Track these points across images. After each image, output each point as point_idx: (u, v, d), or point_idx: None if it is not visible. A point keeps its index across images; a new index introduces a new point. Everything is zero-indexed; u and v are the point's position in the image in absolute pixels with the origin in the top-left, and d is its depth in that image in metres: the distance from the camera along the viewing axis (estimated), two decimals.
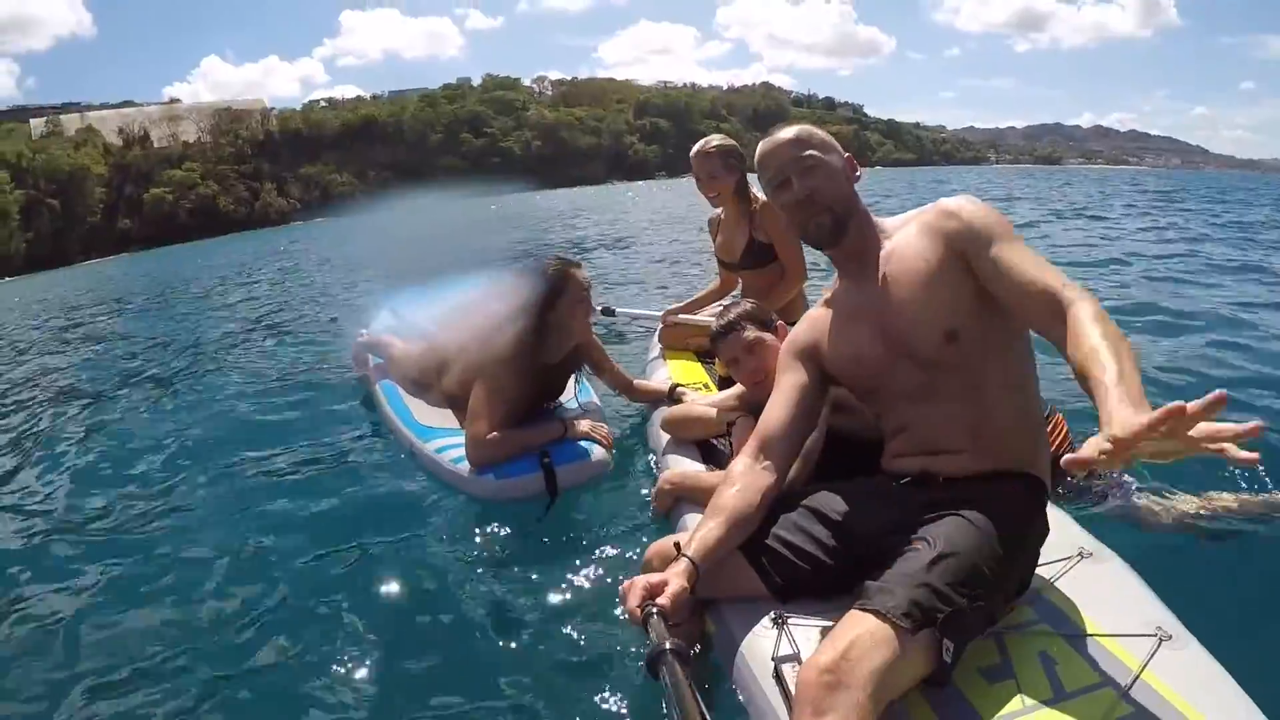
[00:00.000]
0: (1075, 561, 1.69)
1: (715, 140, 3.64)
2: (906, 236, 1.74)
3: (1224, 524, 2.39)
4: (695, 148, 3.61)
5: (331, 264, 16.58)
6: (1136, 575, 1.67)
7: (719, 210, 3.79)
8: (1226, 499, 2.49)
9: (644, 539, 2.52)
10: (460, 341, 3.52)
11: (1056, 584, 1.63)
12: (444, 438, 3.20)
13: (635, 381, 3.45)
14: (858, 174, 1.86)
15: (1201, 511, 2.44)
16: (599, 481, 2.99)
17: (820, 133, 1.83)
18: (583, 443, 3.04)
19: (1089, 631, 1.47)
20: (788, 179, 1.77)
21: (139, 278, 23.11)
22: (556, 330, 3.05)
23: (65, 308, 15.88)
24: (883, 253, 1.76)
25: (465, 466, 2.94)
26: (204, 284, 16.09)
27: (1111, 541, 1.81)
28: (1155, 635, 1.42)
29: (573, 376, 3.44)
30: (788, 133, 1.81)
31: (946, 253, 1.63)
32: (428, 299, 5.30)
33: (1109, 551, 1.76)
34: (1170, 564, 2.09)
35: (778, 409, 1.82)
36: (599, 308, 4.22)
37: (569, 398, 3.45)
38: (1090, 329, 1.36)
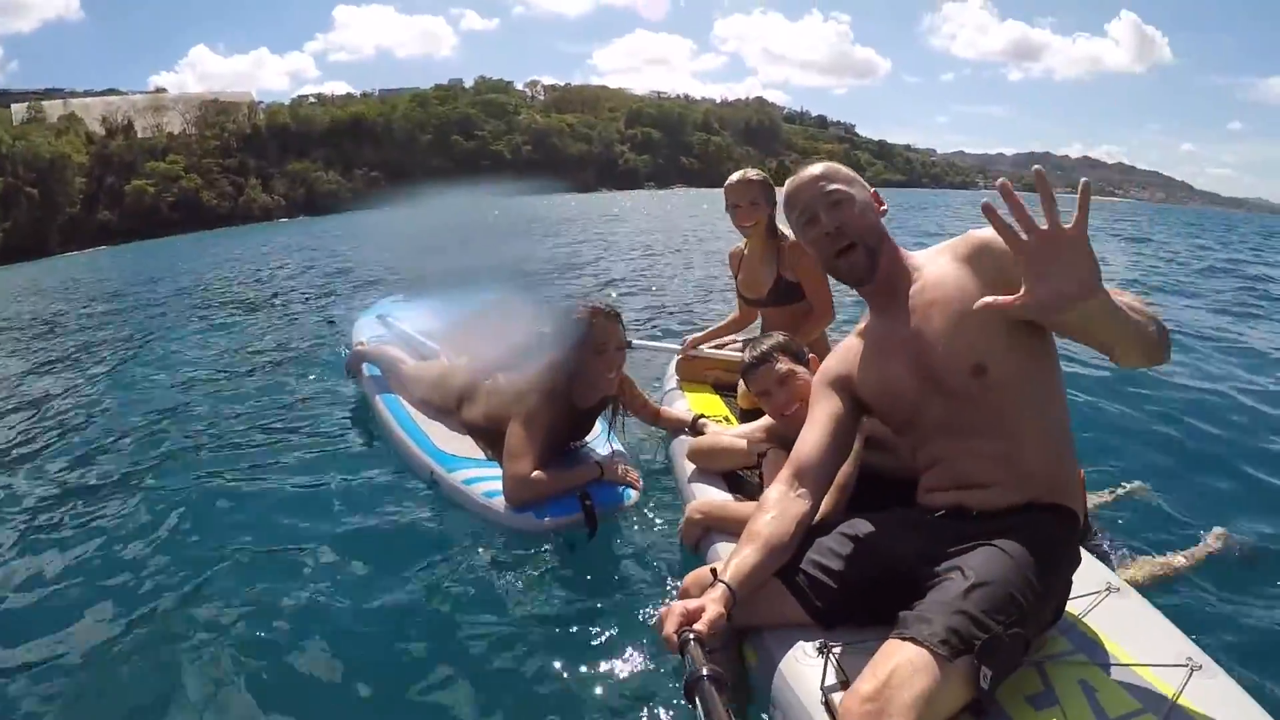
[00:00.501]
0: (1104, 596, 1.75)
1: (753, 171, 3.60)
2: (939, 269, 1.73)
3: (1189, 579, 2.52)
4: (735, 176, 3.56)
5: (337, 265, 16.22)
6: (1159, 611, 1.73)
7: (741, 244, 3.75)
8: (1179, 558, 2.62)
9: (671, 566, 2.59)
10: (483, 371, 3.50)
11: (1087, 617, 1.68)
12: (471, 468, 3.16)
13: (661, 410, 3.46)
14: (883, 208, 1.87)
15: (1163, 572, 2.53)
16: (629, 513, 3.00)
17: (845, 169, 1.85)
18: (618, 486, 3.06)
19: (1124, 661, 1.52)
20: (816, 214, 1.79)
21: (124, 271, 22.46)
22: (590, 380, 3.05)
23: (50, 300, 15.44)
24: (914, 286, 1.75)
25: (500, 501, 2.92)
26: (199, 280, 15.50)
27: None
28: (1186, 665, 1.47)
29: (600, 416, 3.40)
30: (814, 169, 1.84)
31: (980, 285, 1.61)
32: (420, 308, 5.29)
33: (1130, 589, 1.82)
34: (1188, 603, 2.35)
35: (812, 437, 1.82)
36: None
37: (594, 436, 3.41)
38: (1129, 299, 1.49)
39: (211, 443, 4.25)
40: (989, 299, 1.43)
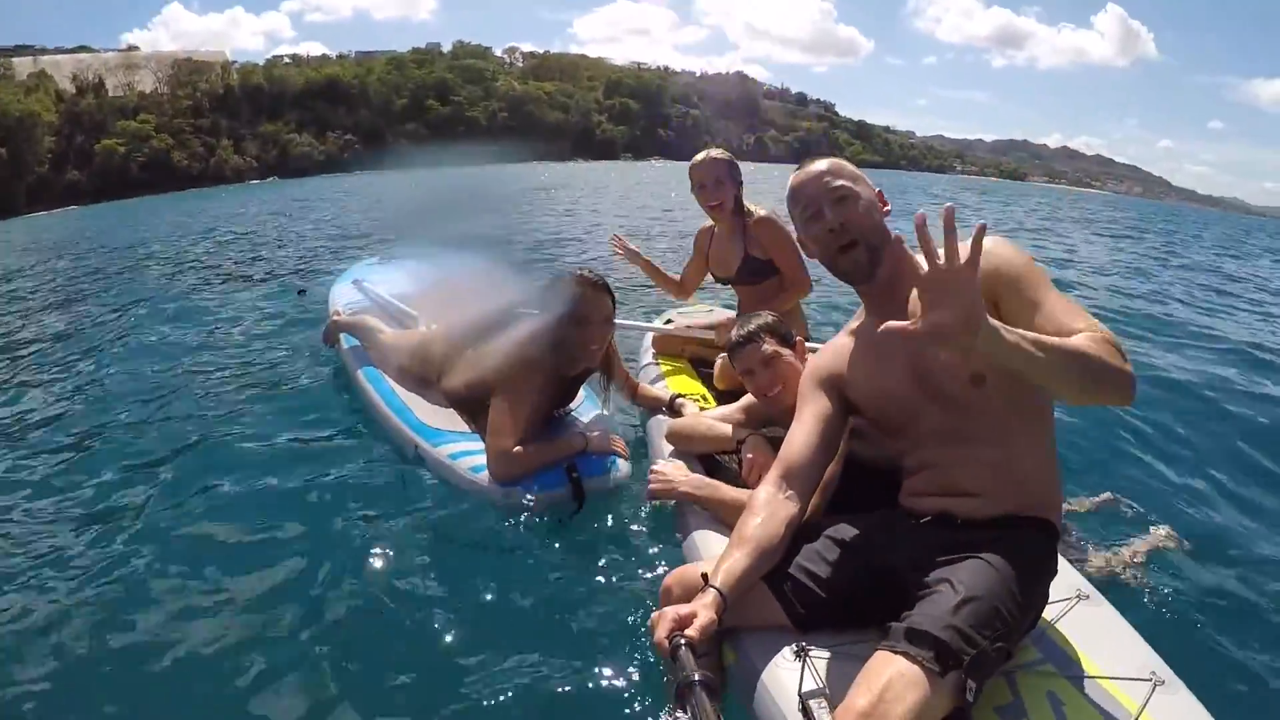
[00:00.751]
0: (1074, 603, 1.77)
1: (717, 150, 3.60)
2: None
3: (1136, 573, 2.61)
4: (700, 155, 3.57)
5: (311, 229, 15.98)
6: (1126, 620, 1.77)
7: (709, 224, 3.75)
8: (1124, 553, 2.72)
9: (655, 545, 2.60)
10: (463, 339, 3.43)
11: (1058, 625, 1.71)
12: (456, 441, 3.12)
13: (639, 386, 3.43)
14: (887, 208, 1.87)
15: (1112, 566, 2.61)
16: (618, 491, 2.97)
17: (850, 166, 1.87)
18: (606, 457, 3.03)
19: (1090, 673, 1.56)
20: (820, 210, 1.80)
21: (97, 232, 21.46)
22: (575, 351, 3.00)
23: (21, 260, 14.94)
24: (915, 292, 1.69)
25: (485, 476, 2.89)
26: (170, 243, 15.12)
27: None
28: (1150, 680, 1.51)
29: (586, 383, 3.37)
30: (820, 165, 1.85)
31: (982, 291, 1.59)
32: (396, 270, 5.35)
33: (1099, 595, 1.85)
34: (1155, 611, 2.41)
35: (800, 437, 1.83)
36: None
37: (579, 404, 3.41)
38: (1073, 338, 1.47)
39: (184, 416, 4.15)
40: (890, 324, 1.43)
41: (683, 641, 1.43)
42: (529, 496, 2.83)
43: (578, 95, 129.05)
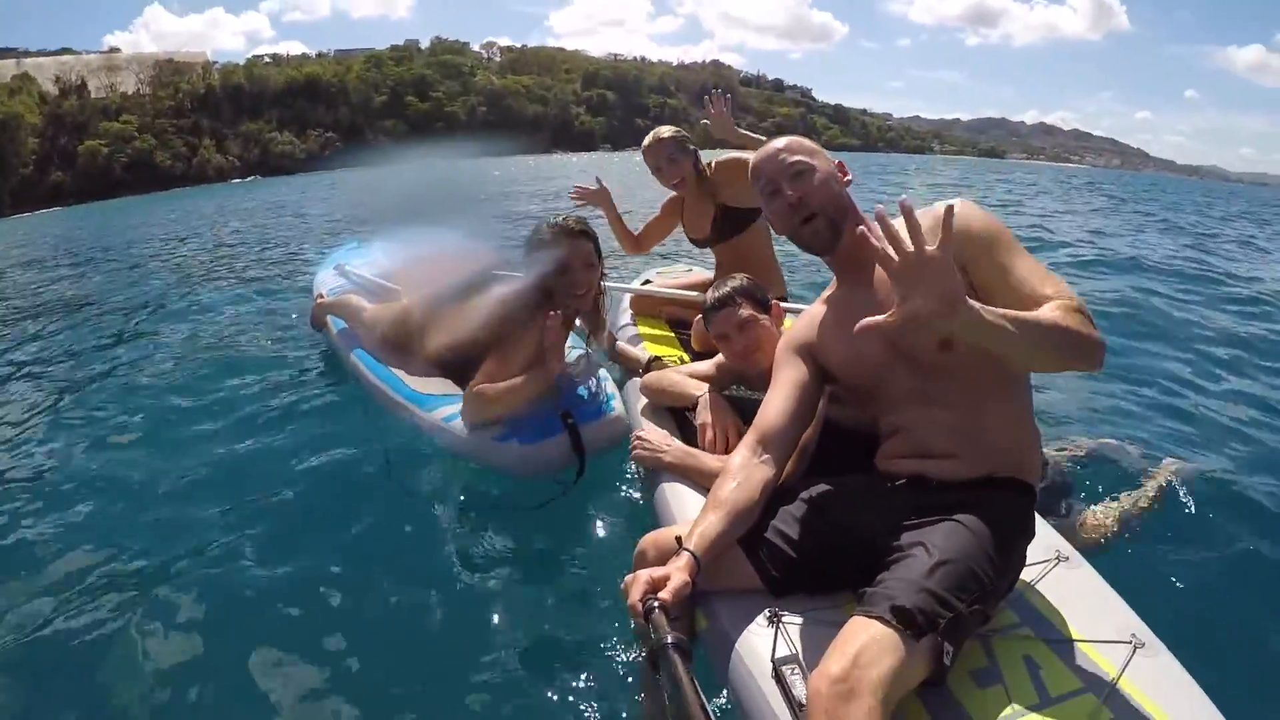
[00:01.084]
0: (1053, 565, 1.73)
1: (665, 130, 3.61)
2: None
3: (1146, 548, 2.54)
4: (647, 140, 3.61)
5: (297, 225, 16.07)
6: (1106, 582, 1.72)
7: (676, 195, 3.74)
8: (1113, 507, 2.66)
9: (633, 521, 2.55)
10: (441, 303, 3.41)
11: (1036, 587, 1.66)
12: (449, 405, 3.04)
13: (618, 344, 3.36)
14: (848, 178, 1.87)
15: (1107, 523, 2.57)
16: (620, 444, 2.78)
17: (808, 142, 1.87)
18: (598, 397, 3.02)
19: (1068, 636, 1.52)
20: (779, 186, 1.80)
21: (81, 233, 21.17)
22: (564, 297, 2.94)
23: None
24: None
25: (485, 434, 2.82)
26: (155, 243, 14.95)
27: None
28: (1130, 643, 1.47)
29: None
30: (777, 143, 1.86)
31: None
32: (376, 252, 5.24)
33: (1079, 557, 1.80)
34: (1136, 570, 2.32)
35: (776, 404, 1.83)
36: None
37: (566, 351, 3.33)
38: (1045, 311, 1.47)
39: (184, 403, 4.15)
40: (866, 320, 1.43)
41: (656, 605, 1.41)
42: (526, 448, 2.76)
43: (555, 88, 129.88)
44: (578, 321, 3.16)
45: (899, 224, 1.40)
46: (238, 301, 7.13)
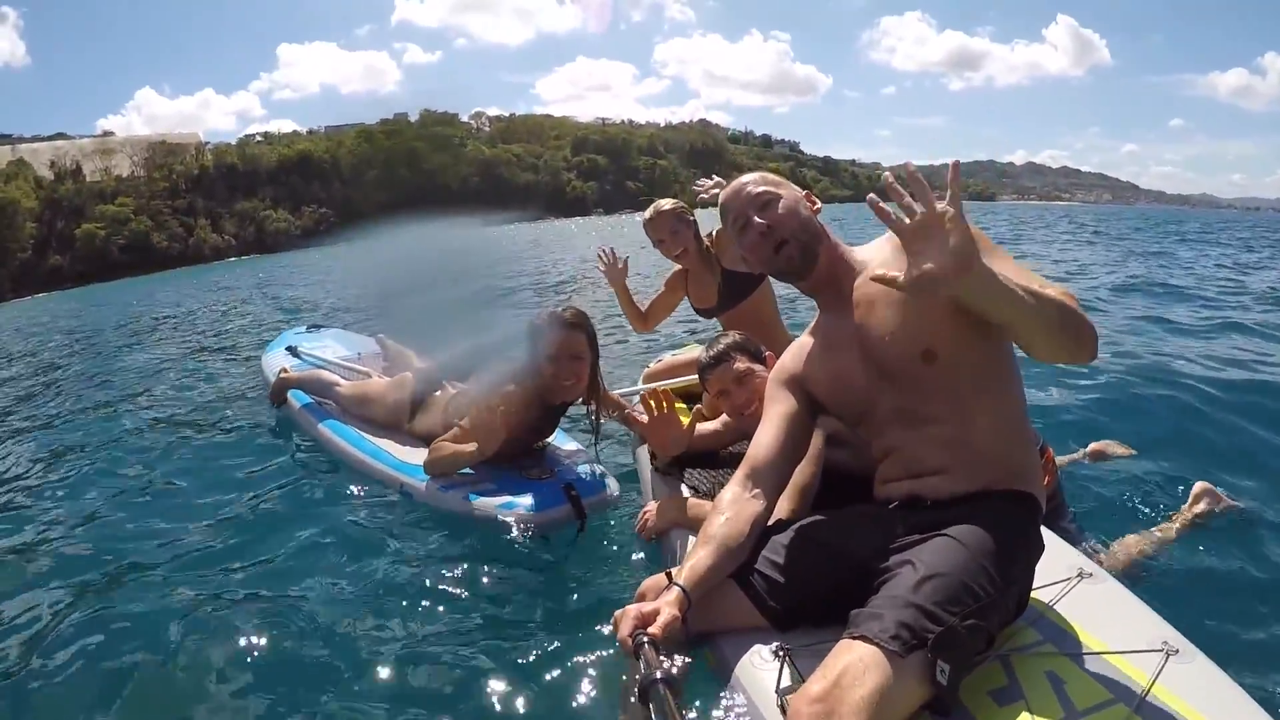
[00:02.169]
0: (1075, 582, 1.68)
1: (666, 203, 3.65)
2: (881, 259, 1.75)
3: (1153, 561, 2.53)
4: (648, 214, 3.63)
5: (286, 302, 16.37)
6: (1134, 595, 1.68)
7: (680, 268, 3.79)
8: (1136, 540, 2.63)
9: (634, 568, 2.64)
10: (433, 381, 3.59)
11: (1057, 606, 1.62)
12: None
13: (630, 413, 3.45)
14: (817, 206, 1.91)
15: (1133, 554, 2.54)
16: (610, 509, 3.08)
17: (773, 175, 1.93)
18: (596, 474, 3.17)
19: (1095, 650, 1.46)
20: (749, 219, 1.83)
21: (75, 316, 21.72)
22: (550, 387, 3.05)
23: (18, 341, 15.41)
24: (858, 279, 1.77)
25: (488, 502, 2.96)
26: (144, 323, 15.37)
27: None
28: (1162, 650, 1.40)
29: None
30: (743, 179, 1.91)
31: None
32: (327, 337, 5.49)
33: (1103, 572, 1.77)
34: (1166, 585, 2.32)
35: (766, 437, 1.82)
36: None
37: (553, 436, 3.52)
38: (1046, 288, 1.48)
39: (154, 481, 4.09)
40: (881, 271, 1.44)
41: (645, 639, 1.41)
42: (529, 517, 2.89)
43: (546, 155, 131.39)
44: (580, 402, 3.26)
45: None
46: (210, 378, 7.33)
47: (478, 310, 3.49)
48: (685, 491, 2.64)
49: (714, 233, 3.60)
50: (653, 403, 2.53)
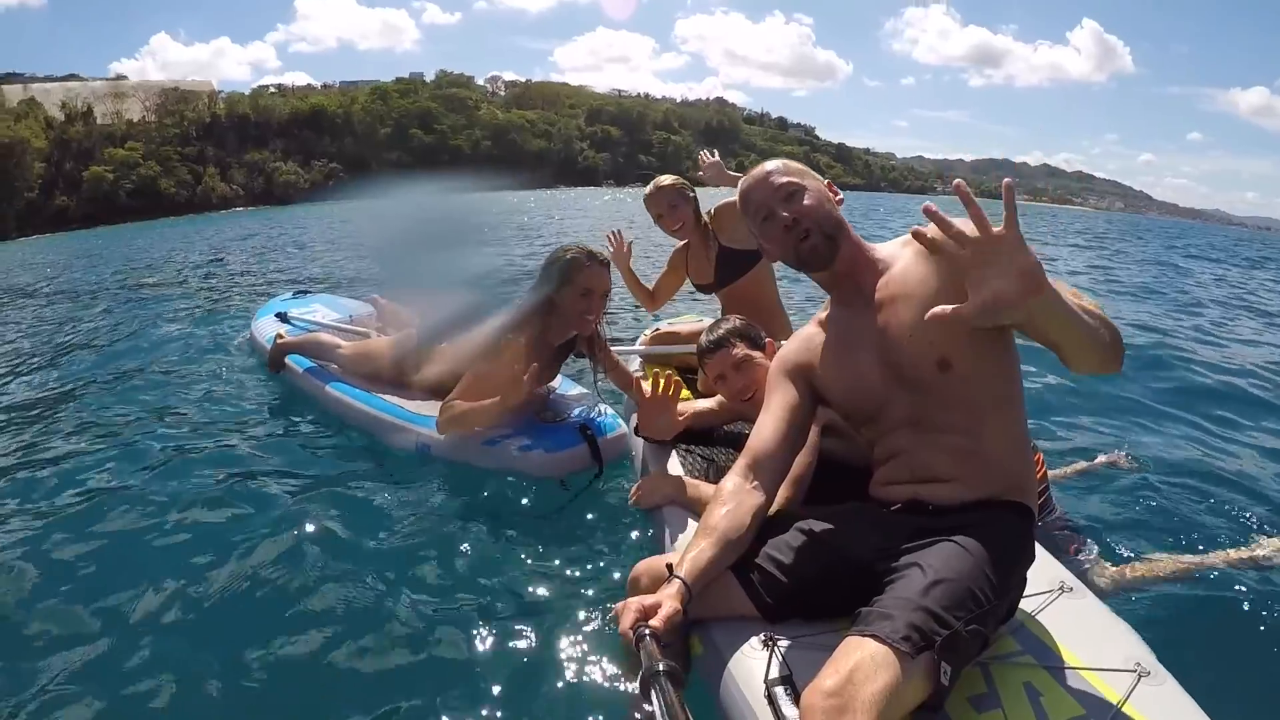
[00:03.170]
0: (1056, 595, 1.72)
1: (666, 179, 3.70)
2: (904, 263, 1.74)
3: (1160, 588, 2.52)
4: (649, 189, 3.68)
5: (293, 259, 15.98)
6: (1113, 613, 1.72)
7: (682, 243, 3.84)
8: (1144, 566, 2.61)
9: (631, 541, 2.65)
10: (435, 334, 3.57)
11: (1038, 617, 1.65)
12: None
13: (634, 379, 3.42)
14: (839, 197, 1.88)
15: (1138, 575, 2.54)
16: (624, 456, 3.16)
17: (795, 163, 1.88)
18: (607, 415, 3.25)
19: (1071, 664, 1.50)
20: (772, 209, 1.79)
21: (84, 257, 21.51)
22: (571, 318, 3.07)
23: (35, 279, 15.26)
24: (880, 280, 1.75)
25: (507, 446, 3.04)
26: (149, 270, 15.26)
27: None
28: (1135, 671, 1.44)
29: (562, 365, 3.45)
30: (766, 166, 1.86)
31: (942, 280, 1.61)
32: (316, 301, 5.51)
33: (1083, 587, 1.80)
34: (1145, 603, 2.37)
35: (768, 427, 1.81)
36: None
37: (557, 383, 3.61)
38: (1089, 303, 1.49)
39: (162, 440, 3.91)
40: (937, 309, 1.43)
41: (647, 632, 1.42)
42: (550, 456, 3.00)
43: (560, 123, 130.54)
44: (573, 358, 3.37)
45: (961, 222, 1.41)
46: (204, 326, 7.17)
47: (481, 279, 3.54)
48: (675, 462, 2.68)
49: (712, 210, 3.66)
50: (662, 381, 2.58)
